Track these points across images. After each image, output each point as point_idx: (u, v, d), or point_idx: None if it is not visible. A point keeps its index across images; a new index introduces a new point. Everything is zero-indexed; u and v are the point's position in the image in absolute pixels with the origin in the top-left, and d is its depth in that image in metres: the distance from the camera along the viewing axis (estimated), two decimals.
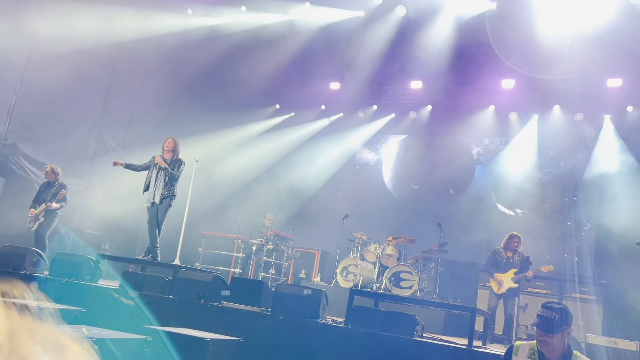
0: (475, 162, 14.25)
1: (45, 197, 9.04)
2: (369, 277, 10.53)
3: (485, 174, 14.07)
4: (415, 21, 11.42)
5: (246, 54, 12.68)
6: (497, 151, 14.04)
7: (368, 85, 13.88)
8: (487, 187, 13.84)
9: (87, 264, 7.29)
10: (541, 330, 3.49)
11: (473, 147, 14.38)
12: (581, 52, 10.28)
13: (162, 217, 8.19)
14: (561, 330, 3.47)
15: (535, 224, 12.86)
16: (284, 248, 11.46)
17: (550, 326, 3.47)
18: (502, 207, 13.48)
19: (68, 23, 10.18)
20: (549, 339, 3.46)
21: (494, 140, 14.15)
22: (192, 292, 6.52)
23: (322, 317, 6.14)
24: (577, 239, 12.09)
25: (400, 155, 15.21)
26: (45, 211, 8.93)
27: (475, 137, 14.21)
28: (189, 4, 12.12)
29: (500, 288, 8.38)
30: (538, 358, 3.56)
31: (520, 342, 3.72)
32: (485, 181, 14.00)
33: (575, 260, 11.59)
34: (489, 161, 14.09)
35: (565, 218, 12.64)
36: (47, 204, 8.91)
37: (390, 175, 15.16)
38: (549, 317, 3.50)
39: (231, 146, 13.88)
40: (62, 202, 9.09)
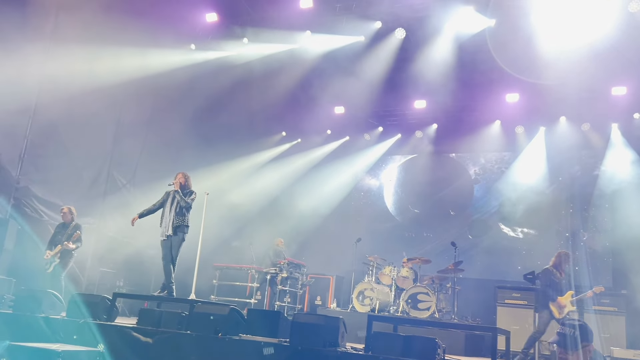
0: (473, 182, 14.28)
1: (61, 238, 9.11)
2: (385, 301, 10.44)
3: (487, 193, 14.07)
4: (415, 42, 11.53)
5: (250, 84, 12.84)
6: (493, 170, 14.10)
7: (372, 107, 14.00)
8: (489, 207, 13.83)
9: (103, 303, 7.29)
10: (561, 347, 3.45)
11: (470, 166, 14.43)
12: (583, 62, 10.31)
13: (177, 252, 8.21)
14: (582, 347, 3.42)
15: (544, 237, 12.84)
16: (298, 275, 11.42)
17: (570, 342, 3.44)
18: (506, 227, 13.47)
19: (74, 64, 10.36)
20: (569, 356, 3.42)
21: (490, 159, 14.20)
22: (210, 326, 6.48)
23: (341, 345, 6.07)
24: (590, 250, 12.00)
25: (399, 180, 15.33)
26: (61, 252, 8.99)
27: (481, 153, 14.26)
28: (191, 40, 12.32)
29: (561, 313, 7.75)
30: None
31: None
32: (487, 200, 13.99)
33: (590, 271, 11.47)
34: (487, 180, 14.13)
35: (575, 230, 12.55)
36: (64, 244, 8.97)
37: (391, 200, 15.27)
38: (568, 334, 3.47)
39: (240, 176, 13.97)
40: (77, 243, 9.15)
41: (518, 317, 9.35)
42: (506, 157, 14.01)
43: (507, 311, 9.45)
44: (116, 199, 12.04)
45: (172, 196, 8.37)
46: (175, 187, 8.31)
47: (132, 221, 8.41)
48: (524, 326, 9.21)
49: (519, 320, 9.32)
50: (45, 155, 10.73)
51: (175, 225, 8.19)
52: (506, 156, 14.00)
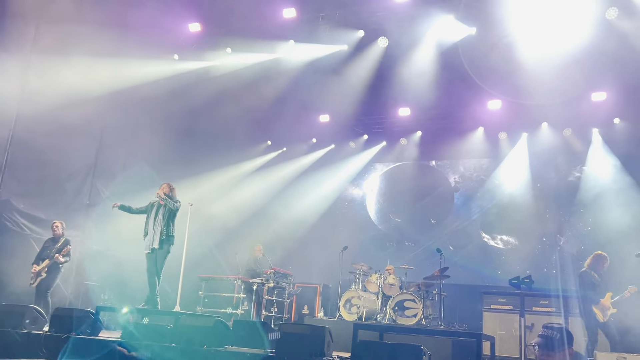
0: (453, 190, 14.42)
1: (49, 253, 9.16)
2: (372, 308, 10.44)
3: (467, 201, 14.20)
4: (398, 50, 11.63)
5: (235, 94, 12.83)
6: (472, 177, 14.26)
7: (357, 115, 14.07)
8: (470, 214, 13.96)
9: (86, 317, 7.20)
10: (542, 349, 3.51)
11: (450, 174, 14.57)
12: (563, 68, 10.47)
13: (161, 265, 8.15)
14: (562, 350, 3.48)
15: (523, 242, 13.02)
16: (285, 285, 11.38)
17: (552, 344, 3.50)
18: (486, 235, 13.61)
19: (56, 75, 10.28)
20: (550, 358, 3.48)
21: (469, 167, 14.36)
22: (195, 338, 6.43)
23: (327, 355, 6.06)
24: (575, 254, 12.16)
25: (381, 189, 15.46)
26: (49, 266, 9.03)
27: (460, 161, 14.43)
28: (175, 50, 12.30)
29: (605, 316, 7.65)
30: None
31: None
32: (467, 208, 14.12)
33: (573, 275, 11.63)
34: (467, 188, 14.30)
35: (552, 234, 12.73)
36: (54, 257, 9.05)
37: (374, 209, 15.36)
38: (549, 336, 3.53)
39: (226, 186, 13.92)
40: (66, 257, 9.28)
41: (504, 321, 9.40)
42: (485, 165, 14.19)
43: (493, 316, 9.49)
44: (99, 210, 11.92)
45: (156, 208, 8.31)
46: (161, 199, 8.26)
47: (113, 206, 8.45)
48: (510, 331, 9.27)
49: (505, 325, 9.37)
50: (27, 167, 10.60)
51: (161, 238, 8.13)
52: (485, 164, 14.18)
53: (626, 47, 9.99)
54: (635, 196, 11.56)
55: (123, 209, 8.51)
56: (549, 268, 12.47)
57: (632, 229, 10.65)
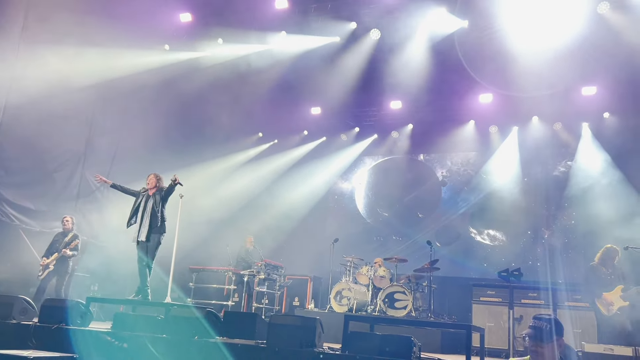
0: (441, 184, 14.50)
1: (58, 247, 9.42)
2: (363, 300, 10.49)
3: (454, 195, 14.29)
4: (390, 43, 11.62)
5: (226, 85, 12.76)
6: (459, 172, 14.34)
7: (349, 108, 14.07)
8: (457, 208, 14.08)
9: (76, 308, 7.17)
10: (533, 340, 3.53)
11: (438, 168, 14.64)
12: (554, 62, 10.51)
13: (153, 255, 8.11)
14: (552, 340, 3.51)
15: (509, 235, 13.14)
16: (276, 277, 11.39)
17: (541, 335, 3.52)
18: (474, 230, 13.71)
19: (46, 64, 10.17)
20: (540, 348, 3.51)
21: (457, 162, 14.44)
22: (186, 329, 6.43)
23: (318, 346, 6.08)
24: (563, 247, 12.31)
25: (370, 183, 15.49)
26: (58, 260, 9.29)
27: (448, 155, 14.51)
28: (165, 40, 12.20)
29: (610, 309, 7.55)
30: None
31: (515, 359, 3.74)
32: (454, 202, 14.22)
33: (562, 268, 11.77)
34: (454, 182, 14.38)
35: (549, 227, 12.85)
36: (62, 252, 9.30)
37: (363, 203, 15.39)
38: (540, 327, 3.56)
39: (217, 177, 13.87)
40: (74, 251, 9.49)
41: (493, 313, 9.48)
42: (473, 159, 14.27)
43: (482, 308, 9.57)
44: (89, 202, 11.85)
45: (145, 199, 8.26)
46: (150, 190, 8.21)
47: (99, 179, 8.54)
48: (499, 323, 9.35)
49: (494, 317, 9.45)
50: (15, 157, 10.50)
51: (150, 230, 8.09)
52: (473, 158, 14.26)
53: (617, 42, 10.05)
54: (622, 190, 11.67)
55: (114, 187, 8.48)
56: (533, 261, 12.66)
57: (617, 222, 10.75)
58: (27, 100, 9.94)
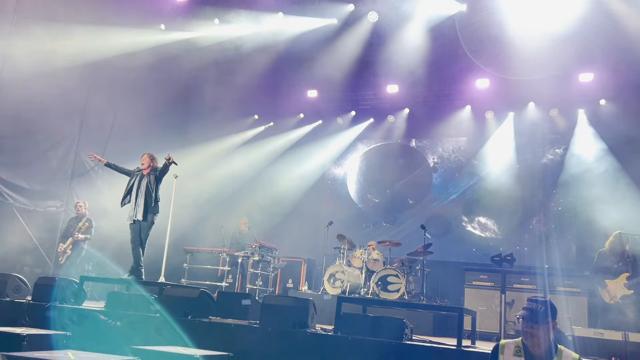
0: (432, 170, 14.51)
1: (73, 231, 9.69)
2: (356, 283, 10.54)
3: (445, 181, 14.32)
4: (387, 26, 11.55)
5: (222, 66, 12.68)
6: (450, 158, 14.37)
7: (345, 91, 14.00)
8: (447, 194, 14.11)
9: (70, 286, 7.19)
10: (526, 321, 3.56)
11: (429, 154, 14.65)
12: (552, 48, 10.48)
13: (146, 235, 8.10)
14: (546, 322, 3.53)
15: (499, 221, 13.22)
16: (270, 259, 11.42)
17: (536, 317, 3.54)
18: (466, 217, 13.76)
19: (39, 43, 10.06)
20: (534, 330, 3.53)
21: (447, 148, 14.46)
22: (179, 309, 6.46)
23: (311, 327, 6.13)
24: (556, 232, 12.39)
25: (361, 169, 15.49)
26: (72, 244, 9.58)
27: (440, 140, 14.52)
28: (161, 19, 12.07)
29: (612, 298, 7.42)
30: (524, 354, 3.60)
31: (506, 341, 3.76)
32: (445, 188, 14.25)
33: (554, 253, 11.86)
34: (445, 168, 14.41)
35: (541, 213, 12.92)
36: (75, 236, 9.57)
37: (354, 189, 15.43)
38: (534, 308, 3.58)
39: (212, 159, 13.83)
40: (87, 234, 9.75)
41: (485, 298, 9.52)
42: (465, 145, 14.27)
43: (474, 292, 9.61)
44: (83, 181, 11.81)
45: (139, 178, 8.23)
46: (144, 170, 8.18)
47: (94, 157, 8.53)
48: (491, 307, 9.40)
49: (486, 301, 9.50)
50: (10, 136, 10.43)
51: (145, 209, 8.07)
52: (466, 144, 14.26)
53: (616, 28, 10.02)
54: (617, 177, 11.70)
55: (109, 166, 8.46)
56: (524, 246, 12.74)
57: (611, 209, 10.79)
58: (20, 79, 9.86)
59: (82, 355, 4.35)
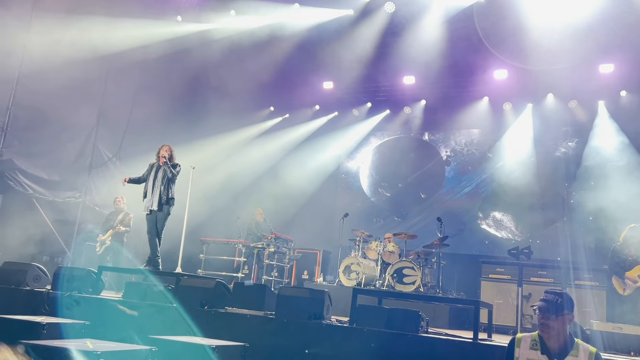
0: (445, 163, 14.38)
1: (112, 224, 9.99)
2: (371, 275, 10.53)
3: (459, 175, 14.16)
4: (404, 17, 11.42)
5: (238, 58, 12.66)
6: (463, 152, 14.22)
7: (361, 83, 13.91)
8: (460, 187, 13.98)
9: (89, 276, 7.28)
10: (542, 312, 3.52)
11: (442, 148, 14.52)
12: (572, 39, 10.29)
13: (162, 226, 8.17)
14: (562, 314, 3.49)
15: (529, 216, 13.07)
16: (285, 250, 11.46)
17: (552, 308, 3.50)
18: (481, 215, 13.60)
19: (58, 36, 10.15)
20: (550, 321, 3.49)
21: (460, 141, 14.32)
22: (195, 299, 6.51)
23: (326, 318, 6.14)
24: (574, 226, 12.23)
25: (374, 162, 15.40)
26: (113, 235, 9.89)
27: (454, 132, 14.40)
28: (178, 11, 12.09)
29: (626, 289, 7.59)
30: (540, 347, 3.57)
31: (522, 334, 3.73)
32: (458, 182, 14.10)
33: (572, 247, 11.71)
34: (458, 161, 14.29)
35: (560, 206, 12.75)
36: (117, 228, 9.92)
37: (367, 182, 15.37)
38: (550, 300, 3.54)
39: (227, 150, 13.88)
40: (127, 227, 10.07)
41: (502, 291, 9.46)
42: (476, 140, 14.12)
43: (491, 285, 9.55)
44: (101, 172, 11.94)
45: (155, 169, 8.29)
46: (161, 160, 8.23)
47: (123, 181, 8.48)
48: (508, 300, 9.34)
49: (503, 294, 9.44)
50: (29, 127, 10.57)
51: (161, 200, 8.13)
52: (476, 138, 14.11)
53: (638, 19, 9.80)
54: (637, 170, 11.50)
55: (132, 181, 8.48)
56: (538, 238, 12.58)
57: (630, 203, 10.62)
58: (39, 71, 9.96)
59: (101, 344, 4.40)
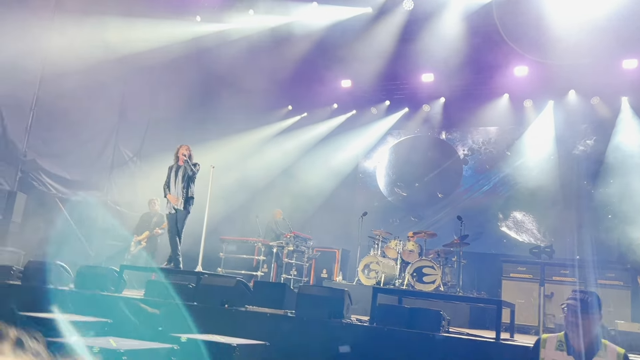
0: (462, 162, 14.23)
1: (148, 225, 10.13)
2: (391, 274, 10.48)
3: (476, 173, 14.01)
4: (423, 13, 11.35)
5: (256, 57, 12.70)
6: (480, 151, 14.06)
7: (379, 81, 13.85)
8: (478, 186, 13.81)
9: (110, 275, 7.36)
10: (572, 312, 3.45)
11: (459, 146, 14.37)
12: (594, 34, 10.12)
13: (182, 225, 8.23)
14: (592, 313, 3.43)
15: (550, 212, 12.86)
16: (304, 249, 11.46)
17: (583, 307, 3.44)
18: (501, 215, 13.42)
19: (79, 37, 10.28)
20: (579, 321, 3.43)
21: (477, 140, 14.16)
22: (216, 297, 6.55)
23: (346, 317, 6.12)
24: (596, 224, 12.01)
25: (391, 162, 15.31)
26: (149, 238, 10.06)
27: (475, 130, 14.25)
28: (197, 11, 12.17)
29: None
30: (567, 348, 3.51)
31: (547, 335, 3.67)
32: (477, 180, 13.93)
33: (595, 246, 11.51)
34: (475, 160, 14.14)
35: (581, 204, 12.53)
36: (154, 231, 10.09)
37: (383, 182, 15.29)
38: (581, 298, 3.47)
39: (246, 150, 13.93)
40: (162, 230, 10.05)
41: (523, 290, 9.35)
42: (493, 138, 13.96)
43: (512, 285, 9.45)
44: (122, 172, 12.06)
45: (175, 170, 8.34)
46: (181, 159, 8.28)
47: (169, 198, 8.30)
48: (529, 300, 9.23)
49: (524, 293, 9.33)
50: (52, 128, 10.72)
51: (182, 199, 8.19)
52: (493, 137, 13.96)
53: None
54: None
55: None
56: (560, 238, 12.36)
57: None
58: (61, 72, 10.09)
59: (123, 342, 4.44)
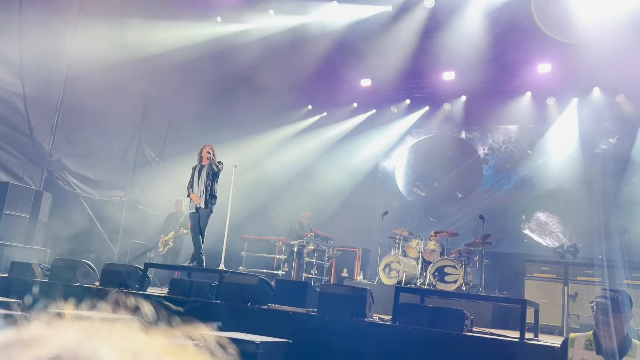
0: (482, 162, 14.08)
1: (174, 225, 10.32)
2: (412, 273, 10.44)
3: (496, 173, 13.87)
4: (444, 11, 11.29)
5: (276, 57, 12.76)
6: (501, 150, 13.89)
7: (400, 79, 13.79)
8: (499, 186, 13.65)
9: (135, 273, 7.46)
10: (602, 310, 3.40)
11: (479, 146, 14.22)
12: (621, 30, 9.97)
13: (205, 223, 8.30)
14: (623, 312, 3.38)
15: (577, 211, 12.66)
16: (325, 248, 11.48)
17: (614, 305, 3.39)
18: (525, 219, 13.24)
19: (103, 38, 10.44)
20: (610, 319, 3.38)
21: (498, 139, 14.00)
22: (239, 295, 6.59)
23: (368, 316, 6.12)
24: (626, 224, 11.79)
25: (409, 161, 15.23)
26: (175, 237, 10.25)
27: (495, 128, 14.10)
28: (218, 12, 12.26)
29: None
30: (595, 347, 3.46)
31: (575, 334, 3.63)
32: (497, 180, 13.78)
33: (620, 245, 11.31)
34: (496, 159, 13.99)
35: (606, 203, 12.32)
36: (180, 231, 10.24)
37: (402, 182, 15.21)
38: (612, 297, 3.43)
39: (267, 149, 14.00)
40: (187, 230, 10.09)
41: (547, 290, 9.23)
42: (514, 137, 13.81)
43: (536, 284, 9.34)
44: (145, 172, 12.21)
45: (199, 169, 8.43)
46: (205, 158, 8.35)
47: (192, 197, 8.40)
48: (553, 300, 9.11)
49: (548, 293, 9.21)
50: (77, 128, 10.90)
51: (205, 198, 8.27)
52: (514, 136, 13.80)
53: None
54: None
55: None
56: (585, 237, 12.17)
57: None
58: (85, 73, 10.25)
59: None
